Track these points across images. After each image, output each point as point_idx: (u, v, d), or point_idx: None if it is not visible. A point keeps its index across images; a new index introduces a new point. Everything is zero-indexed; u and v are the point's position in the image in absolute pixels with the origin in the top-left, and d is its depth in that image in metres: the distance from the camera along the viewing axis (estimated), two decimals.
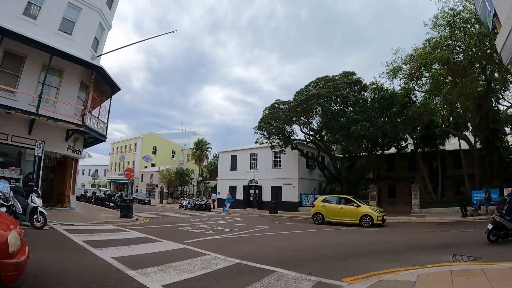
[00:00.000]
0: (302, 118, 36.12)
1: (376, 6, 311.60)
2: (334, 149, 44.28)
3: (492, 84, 31.53)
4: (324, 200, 24.77)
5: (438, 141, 38.24)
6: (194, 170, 75.76)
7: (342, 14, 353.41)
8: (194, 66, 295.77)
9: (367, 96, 35.97)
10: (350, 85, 34.44)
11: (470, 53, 28.22)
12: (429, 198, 34.73)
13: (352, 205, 23.06)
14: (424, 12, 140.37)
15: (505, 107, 35.73)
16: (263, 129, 37.27)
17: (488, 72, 30.47)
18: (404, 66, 32.06)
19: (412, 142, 38.61)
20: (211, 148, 79.67)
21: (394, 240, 14.89)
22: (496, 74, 31.65)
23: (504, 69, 32.20)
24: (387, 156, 41.92)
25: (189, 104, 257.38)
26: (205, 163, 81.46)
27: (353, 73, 35.83)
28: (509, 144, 33.81)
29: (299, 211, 37.57)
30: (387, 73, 33.14)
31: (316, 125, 36.42)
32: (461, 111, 34.35)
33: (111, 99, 25.77)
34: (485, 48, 27.28)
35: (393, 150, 39.27)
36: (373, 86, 35.60)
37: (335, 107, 33.96)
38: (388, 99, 33.43)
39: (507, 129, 36.10)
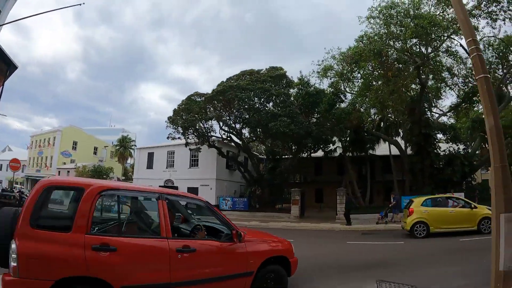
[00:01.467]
0: (222, 112, 32.46)
1: (320, 17, 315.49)
2: (259, 149, 41.47)
3: (427, 89, 31.13)
4: (425, 204, 17.54)
5: (368, 145, 36.19)
6: (117, 168, 70.49)
7: (286, 22, 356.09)
8: (133, 62, 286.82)
9: (293, 92, 33.40)
10: (275, 79, 31.47)
11: (405, 47, 26.88)
12: (357, 204, 32.46)
13: (463, 206, 17.27)
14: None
15: (437, 115, 36.08)
16: (175, 122, 33.32)
17: (423, 75, 29.62)
18: (336, 66, 30.59)
19: (341, 145, 36.30)
20: (135, 145, 74.01)
21: (304, 256, 9.34)
22: (430, 82, 32.24)
23: (437, 77, 31.88)
24: (314, 159, 39.96)
25: (125, 100, 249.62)
26: (130, 161, 76.59)
27: (280, 68, 32.95)
28: (441, 150, 32.74)
29: None
30: (318, 72, 31.44)
31: (233, 121, 32.96)
32: (393, 115, 33.98)
33: (6, 79, 21.30)
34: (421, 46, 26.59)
35: (321, 153, 37.24)
36: (299, 81, 33.12)
37: (255, 101, 31.07)
38: (314, 95, 30.94)
39: (440, 136, 35.61)
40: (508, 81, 32.92)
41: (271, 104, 31.00)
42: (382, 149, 37.29)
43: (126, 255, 5.20)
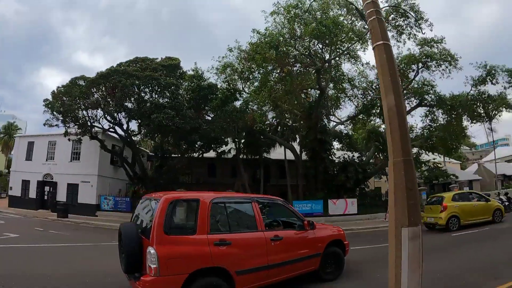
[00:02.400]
0: (106, 100, 28.58)
1: (237, 20, 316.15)
2: (149, 145, 38.84)
3: (326, 97, 31.39)
4: (454, 199, 18.89)
5: (263, 149, 35.00)
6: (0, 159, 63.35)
7: (203, 22, 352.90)
8: (37, 42, 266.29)
9: (186, 85, 30.96)
10: (168, 69, 28.82)
11: (306, 46, 26.26)
12: None
13: (480, 200, 19.49)
14: None
15: (335, 123, 36.61)
16: (52, 106, 28.75)
17: (323, 81, 29.31)
18: (237, 65, 29.37)
19: (235, 146, 34.58)
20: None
21: None
22: (331, 91, 32.87)
23: (338, 86, 32.02)
24: (208, 160, 37.85)
25: (23, 84, 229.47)
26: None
27: (175, 59, 30.41)
28: (336, 157, 32.88)
29: (96, 215, 30.52)
30: (217, 68, 29.98)
31: (114, 110, 29.27)
32: (290, 120, 33.87)
33: None
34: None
35: (215, 153, 35.06)
36: (192, 73, 30.86)
37: (142, 90, 28.23)
38: (206, 89, 28.71)
39: (336, 144, 36.31)
40: (405, 97, 33.79)
41: (158, 94, 28.43)
42: (278, 153, 36.46)
43: (238, 247, 6.74)
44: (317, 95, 30.68)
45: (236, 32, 69.02)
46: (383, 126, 36.99)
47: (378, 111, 36.09)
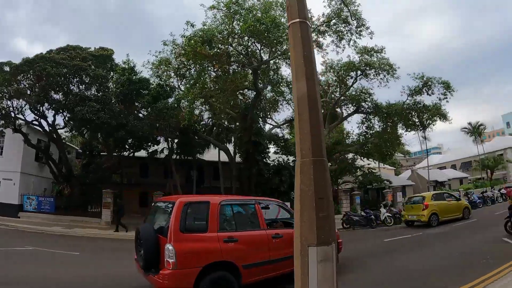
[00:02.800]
0: (32, 90, 26.65)
1: (184, 17, 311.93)
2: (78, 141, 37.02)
3: (263, 99, 31.45)
4: (433, 198, 21.90)
5: (197, 149, 33.89)
6: None
7: (150, 17, 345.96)
8: None
9: (116, 78, 29.03)
10: (99, 59, 27.39)
11: (243, 43, 25.66)
12: None
13: (451, 199, 23.03)
14: None
15: (271, 126, 36.34)
16: None
17: (260, 83, 28.75)
18: (173, 61, 28.01)
19: (168, 146, 33.10)
20: None
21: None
22: (269, 94, 32.73)
23: (276, 89, 31.67)
24: (140, 159, 35.99)
25: None
26: None
27: (109, 50, 29.09)
28: (271, 160, 32.49)
29: (19, 217, 28.32)
30: (153, 63, 28.41)
31: (36, 100, 27.07)
32: (225, 121, 33.10)
33: None
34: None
35: (146, 153, 33.61)
36: (123, 65, 29.09)
37: (69, 80, 26.34)
38: (137, 83, 27.18)
39: (272, 147, 36.20)
40: (342, 103, 34.18)
41: (85, 86, 26.85)
42: (213, 154, 35.59)
43: (244, 243, 7.67)
44: (252, 96, 30.46)
45: (181, 30, 67.59)
46: None
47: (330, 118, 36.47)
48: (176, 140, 32.48)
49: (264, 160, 30.44)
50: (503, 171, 58.80)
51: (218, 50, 24.07)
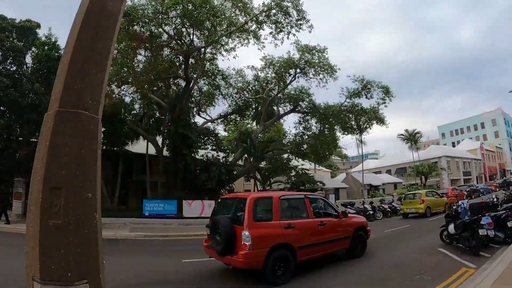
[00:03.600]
0: None
1: None
2: None
3: (193, 88, 30.27)
4: (426, 195, 26.39)
5: (124, 140, 31.18)
6: None
7: None
8: None
9: (36, 53, 26.06)
10: (19, 31, 24.86)
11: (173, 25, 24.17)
12: (104, 205, 27.12)
13: (437, 197, 27.86)
14: None
15: (205, 120, 34.99)
16: None
17: (192, 72, 28.06)
18: None
19: None
20: None
21: None
22: (205, 87, 32.64)
23: (212, 82, 31.55)
24: None
25: None
26: None
27: (35, 22, 26.54)
28: (200, 155, 30.73)
29: None
30: None
31: None
32: (156, 111, 31.58)
33: None
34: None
35: None
36: (45, 40, 26.01)
37: None
38: (56, 60, 23.89)
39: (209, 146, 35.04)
40: (280, 102, 33.18)
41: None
42: (143, 147, 33.07)
43: (299, 229, 9.25)
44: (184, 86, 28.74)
45: None
46: (254, 126, 36.12)
47: (252, 113, 35.26)
48: (103, 129, 29.62)
49: (193, 155, 28.61)
50: (436, 178, 60.30)
51: (148, 32, 22.70)
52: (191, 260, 11.55)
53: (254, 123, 36.60)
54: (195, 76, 28.44)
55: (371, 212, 25.05)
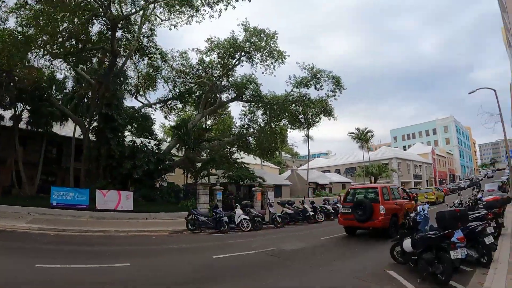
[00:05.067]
0: None
1: None
2: None
3: (131, 72, 29.68)
4: (436, 190, 38.48)
5: (50, 120, 27.39)
6: None
7: None
8: None
9: None
10: None
11: None
12: (22, 192, 24.80)
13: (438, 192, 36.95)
14: None
15: (142, 105, 32.03)
16: None
17: (124, 44, 26.44)
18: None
19: (13, 111, 26.18)
20: None
21: None
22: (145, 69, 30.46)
23: (152, 62, 29.79)
24: None
25: None
26: None
27: None
28: (128, 141, 27.47)
29: None
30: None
31: None
32: (87, 91, 27.74)
33: None
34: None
35: None
36: None
37: None
38: None
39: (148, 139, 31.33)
40: (223, 89, 30.90)
41: None
42: (70, 129, 28.97)
43: (399, 205, 15.48)
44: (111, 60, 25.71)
45: None
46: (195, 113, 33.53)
47: (195, 100, 32.67)
48: (28, 108, 26.30)
49: (119, 140, 25.39)
50: (386, 179, 59.17)
51: None
52: (47, 266, 8.52)
53: (197, 111, 33.89)
54: (124, 51, 26.37)
55: (311, 213, 22.23)
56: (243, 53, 28.00)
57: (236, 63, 29.05)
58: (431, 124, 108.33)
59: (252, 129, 32.65)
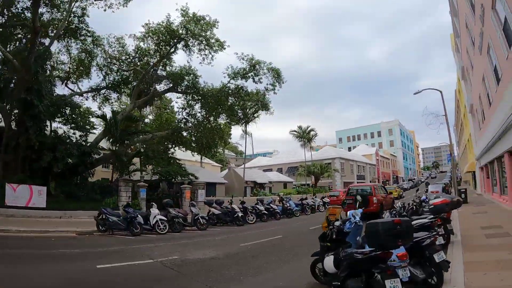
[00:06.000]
0: None
1: None
2: None
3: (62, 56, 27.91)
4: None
5: None
6: None
7: None
8: None
9: None
10: None
11: None
12: None
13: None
14: None
15: (72, 93, 29.84)
16: None
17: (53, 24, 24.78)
18: None
19: None
20: None
21: None
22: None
23: (84, 47, 27.85)
24: None
25: None
26: None
27: None
28: (60, 134, 25.72)
29: None
30: None
31: None
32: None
33: None
34: None
35: None
36: None
37: None
38: None
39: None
40: (159, 78, 29.46)
41: None
42: None
43: (382, 197, 22.36)
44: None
45: None
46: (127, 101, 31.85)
47: (130, 91, 30.96)
48: None
49: (40, 129, 23.20)
50: (329, 179, 58.83)
51: None
52: None
53: (132, 100, 31.97)
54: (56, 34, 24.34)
55: (239, 214, 20.58)
56: (178, 40, 26.60)
57: (172, 50, 27.62)
58: (376, 126, 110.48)
59: (190, 124, 31.26)
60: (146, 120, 36.65)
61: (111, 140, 26.00)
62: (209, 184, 34.78)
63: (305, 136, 57.43)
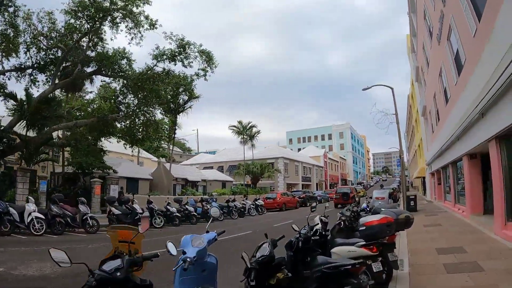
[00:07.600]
0: None
1: None
2: None
3: None
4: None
5: None
6: None
7: None
8: None
9: None
10: None
11: None
12: None
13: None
14: None
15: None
16: None
17: None
18: None
19: None
20: None
21: None
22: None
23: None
24: None
25: None
26: None
27: None
28: None
29: None
30: None
31: None
32: None
33: None
34: None
35: None
36: None
37: None
38: None
39: None
40: (86, 60, 27.36)
41: None
42: None
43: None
44: None
45: None
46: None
47: (58, 71, 28.53)
48: None
49: None
50: (269, 180, 56.87)
51: None
52: None
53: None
54: None
55: (142, 214, 17.23)
56: (104, 15, 24.68)
57: (97, 25, 25.66)
58: (327, 129, 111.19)
59: (121, 113, 29.36)
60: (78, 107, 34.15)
61: (21, 124, 23.86)
62: (131, 180, 32.90)
63: (244, 132, 53.78)
